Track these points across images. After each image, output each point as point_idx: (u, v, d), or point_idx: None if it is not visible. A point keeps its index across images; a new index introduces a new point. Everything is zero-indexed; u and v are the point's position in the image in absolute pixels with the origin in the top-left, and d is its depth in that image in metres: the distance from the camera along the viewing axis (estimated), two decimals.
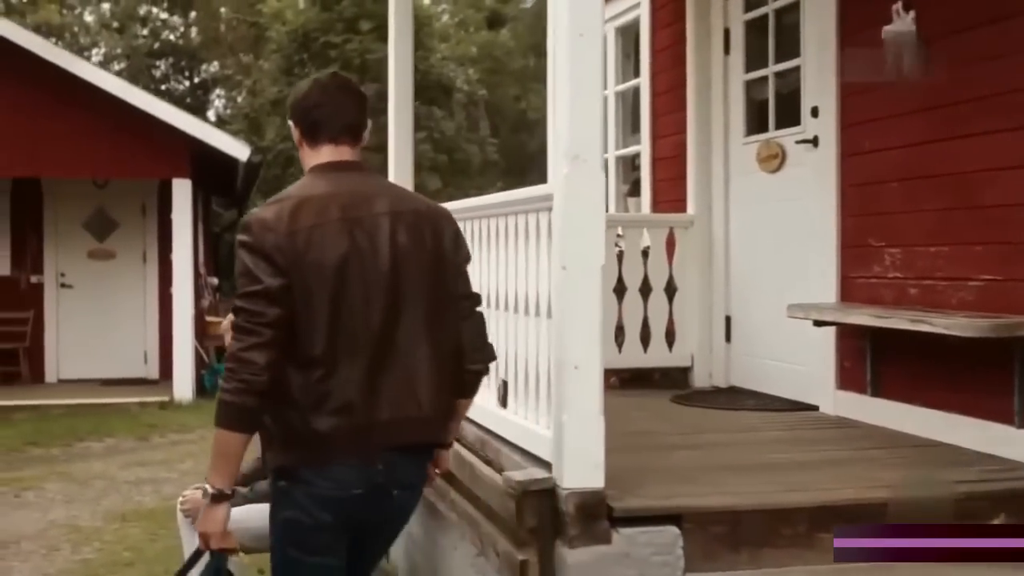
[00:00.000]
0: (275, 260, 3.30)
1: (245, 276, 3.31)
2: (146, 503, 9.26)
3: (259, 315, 3.27)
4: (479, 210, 5.12)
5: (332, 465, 3.36)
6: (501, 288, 4.86)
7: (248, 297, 3.29)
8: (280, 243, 3.31)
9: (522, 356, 4.56)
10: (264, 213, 3.39)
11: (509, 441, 4.63)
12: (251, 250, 3.32)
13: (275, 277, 3.29)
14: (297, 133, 3.59)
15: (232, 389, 3.26)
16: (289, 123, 3.63)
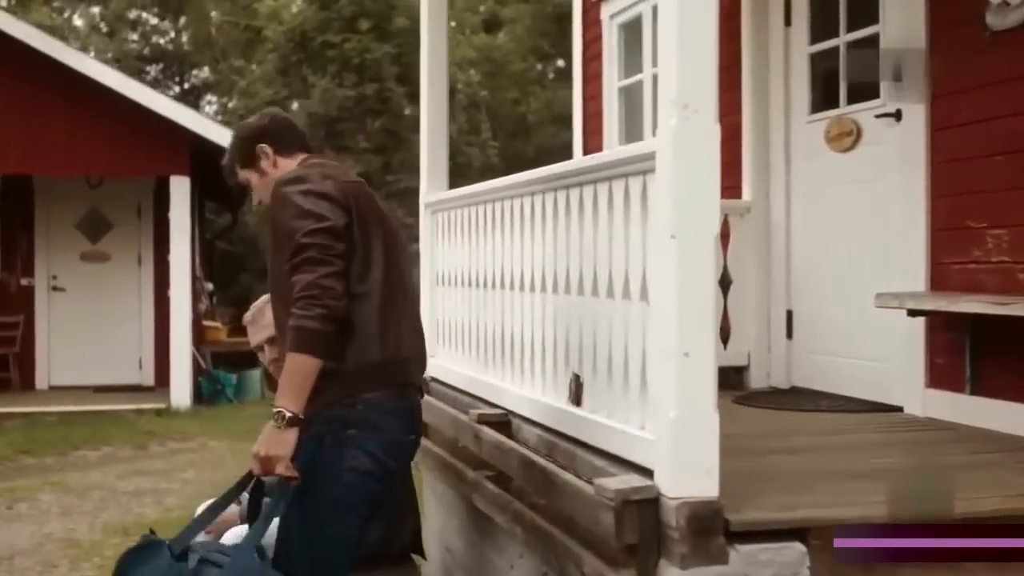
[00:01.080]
0: (339, 200, 3.64)
1: (307, 216, 3.55)
2: (148, 515, 8.67)
3: (328, 247, 3.52)
4: (542, 182, 4.51)
5: (399, 400, 3.76)
6: (572, 270, 4.26)
7: (315, 233, 3.53)
8: (340, 188, 3.70)
9: (602, 346, 3.96)
10: (310, 170, 3.77)
11: (586, 444, 4.03)
12: (310, 193, 3.61)
13: (339, 216, 3.61)
14: (269, 151, 4.02)
15: (316, 316, 3.44)
16: (260, 147, 4.02)
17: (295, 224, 3.55)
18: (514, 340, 4.94)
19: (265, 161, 4.04)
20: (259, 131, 4.07)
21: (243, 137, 4.11)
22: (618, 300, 3.82)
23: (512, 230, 4.95)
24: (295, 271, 3.51)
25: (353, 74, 23.69)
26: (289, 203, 3.60)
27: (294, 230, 3.54)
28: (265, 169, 4.04)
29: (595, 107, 9.35)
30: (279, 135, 4.07)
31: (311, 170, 3.77)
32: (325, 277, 3.47)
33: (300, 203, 3.58)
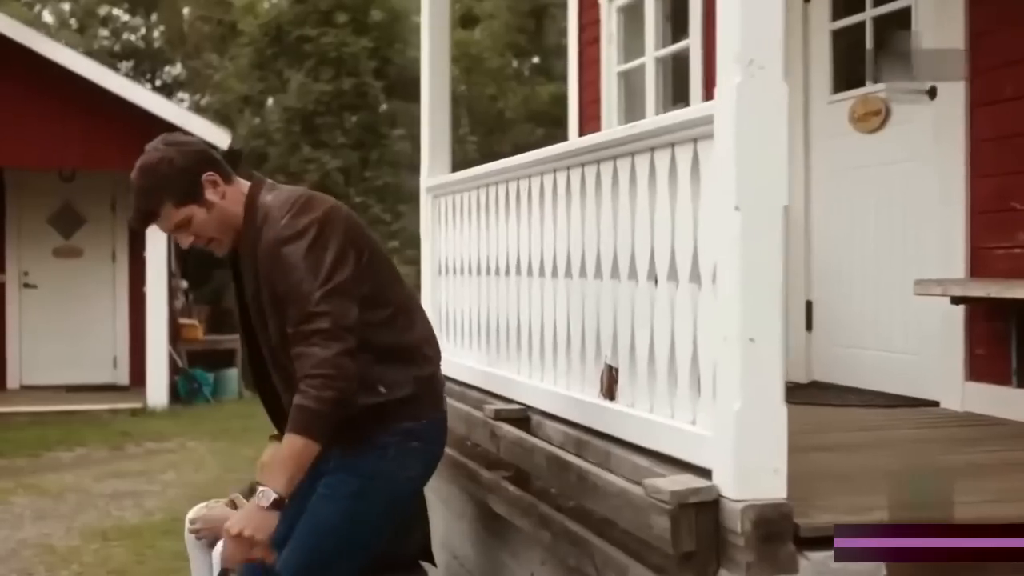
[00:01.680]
0: (341, 240, 3.44)
1: (316, 276, 3.35)
2: (128, 519, 8.27)
3: (343, 316, 3.33)
4: (568, 157, 4.16)
5: (440, 412, 3.78)
6: (604, 252, 3.91)
7: (329, 297, 3.33)
8: (335, 221, 3.48)
9: (642, 334, 3.61)
10: (301, 214, 3.46)
11: (623, 441, 3.68)
12: (315, 246, 3.38)
13: (349, 262, 3.43)
14: (218, 179, 3.57)
15: (328, 399, 3.28)
16: (206, 176, 3.55)
17: (304, 288, 3.34)
18: (532, 330, 4.59)
19: (213, 192, 3.56)
20: (200, 158, 3.58)
21: (180, 168, 3.53)
22: (662, 283, 3.47)
23: (531, 211, 4.59)
24: (304, 341, 3.32)
25: (330, 68, 23.25)
26: (294, 264, 3.37)
27: (304, 296, 3.34)
28: (213, 201, 3.56)
29: (592, 94, 9.02)
30: (217, 161, 3.64)
31: (300, 213, 3.44)
32: (340, 355, 3.30)
33: (307, 261, 3.36)
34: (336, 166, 23.01)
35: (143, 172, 3.56)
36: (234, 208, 3.59)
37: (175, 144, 3.61)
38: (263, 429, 13.47)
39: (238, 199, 3.60)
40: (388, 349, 3.56)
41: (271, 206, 3.52)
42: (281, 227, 3.43)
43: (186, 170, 3.54)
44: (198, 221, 3.58)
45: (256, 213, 3.54)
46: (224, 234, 3.63)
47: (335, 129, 23.45)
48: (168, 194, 3.53)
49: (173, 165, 3.54)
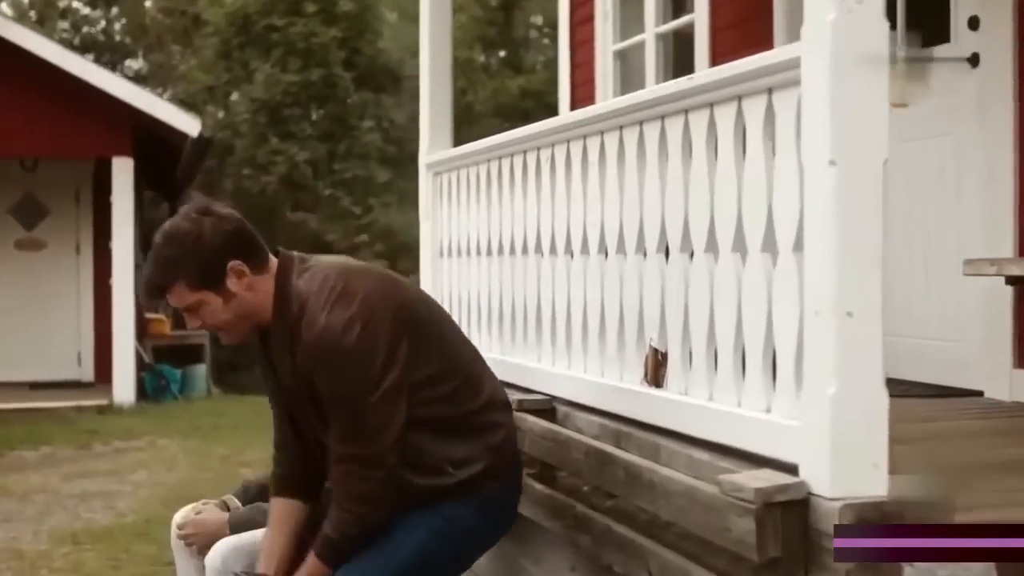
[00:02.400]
0: (390, 334, 3.17)
1: (364, 379, 3.14)
2: (99, 521, 7.79)
3: (388, 432, 3.15)
4: (602, 120, 3.76)
5: (517, 475, 3.52)
6: (648, 224, 3.52)
7: (377, 410, 3.15)
8: (382, 309, 3.21)
9: (699, 313, 3.22)
10: (340, 306, 3.18)
11: (674, 432, 3.29)
12: (361, 350, 3.13)
13: (397, 355, 3.18)
14: (245, 268, 3.24)
15: (354, 534, 3.22)
16: (231, 265, 3.22)
17: (349, 400, 3.14)
18: (556, 314, 4.19)
19: (236, 282, 3.24)
20: (231, 240, 3.23)
21: (207, 246, 3.19)
22: (725, 254, 3.08)
23: (555, 183, 4.19)
24: (344, 462, 3.19)
25: (298, 59, 22.82)
26: (337, 369, 3.13)
27: (348, 408, 3.15)
28: (234, 292, 3.25)
29: (585, 74, 8.64)
30: (251, 246, 3.28)
31: (339, 304, 3.15)
32: (377, 487, 3.17)
33: (351, 367, 3.11)
34: (304, 158, 22.56)
35: (166, 240, 3.23)
36: (259, 300, 3.27)
37: (210, 216, 3.24)
38: (234, 427, 13.00)
39: (265, 289, 3.27)
40: (455, 424, 3.31)
41: (306, 296, 3.19)
42: (321, 328, 3.12)
43: (213, 251, 3.20)
44: (210, 309, 3.28)
45: (289, 303, 3.22)
46: (239, 324, 3.36)
47: (303, 121, 23.03)
48: (185, 273, 3.21)
49: (200, 242, 3.20)
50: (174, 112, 13.62)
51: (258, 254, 3.27)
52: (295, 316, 3.19)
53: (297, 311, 3.18)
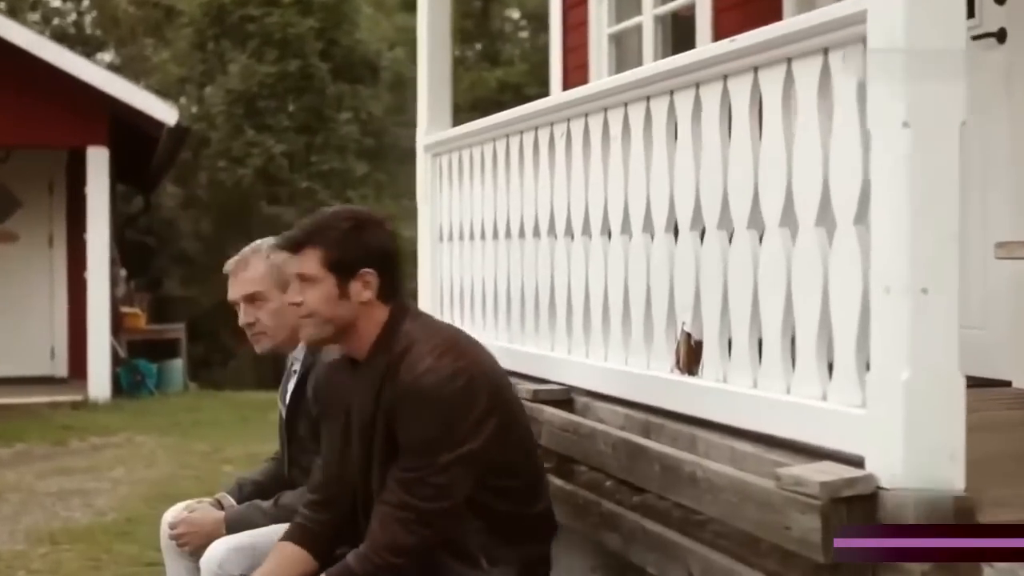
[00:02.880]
0: (491, 392, 3.05)
1: (442, 435, 2.96)
2: (77, 520, 7.52)
3: (448, 496, 2.98)
4: (629, 89, 3.51)
5: None
6: (681, 201, 3.29)
7: (449, 468, 2.96)
8: (481, 383, 3.06)
9: (740, 294, 2.98)
10: (447, 333, 3.23)
11: (713, 423, 3.06)
12: (471, 381, 3.01)
13: (483, 425, 3.00)
14: (375, 282, 3.12)
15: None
16: (365, 272, 3.11)
17: (427, 446, 2.96)
18: (573, 300, 3.95)
19: (359, 288, 3.13)
20: (381, 253, 3.15)
21: (364, 240, 3.14)
22: (772, 229, 2.85)
23: (570, 160, 3.95)
24: (396, 505, 2.99)
25: (274, 50, 22.46)
26: (426, 414, 2.96)
27: (423, 454, 2.96)
28: (350, 295, 3.13)
29: (578, 59, 8.39)
30: (393, 273, 3.17)
31: (447, 355, 3.02)
32: (418, 546, 2.99)
33: (440, 417, 2.95)
34: (281, 151, 22.23)
35: (344, 212, 3.24)
36: (359, 322, 3.14)
37: (384, 225, 3.22)
38: (213, 424, 12.69)
39: (373, 318, 3.13)
40: (504, 521, 3.12)
41: (415, 339, 3.07)
42: (424, 368, 2.98)
43: (364, 248, 3.13)
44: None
45: (393, 339, 3.09)
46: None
47: (279, 112, 22.68)
48: (331, 246, 3.11)
49: (363, 232, 3.14)
50: (151, 100, 13.31)
51: (392, 284, 3.16)
52: (396, 355, 3.05)
53: (399, 352, 3.05)
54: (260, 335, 3.80)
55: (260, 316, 3.77)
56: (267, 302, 3.75)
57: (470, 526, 3.06)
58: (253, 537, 3.71)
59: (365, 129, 23.55)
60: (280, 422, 4.10)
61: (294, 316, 3.55)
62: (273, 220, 22.28)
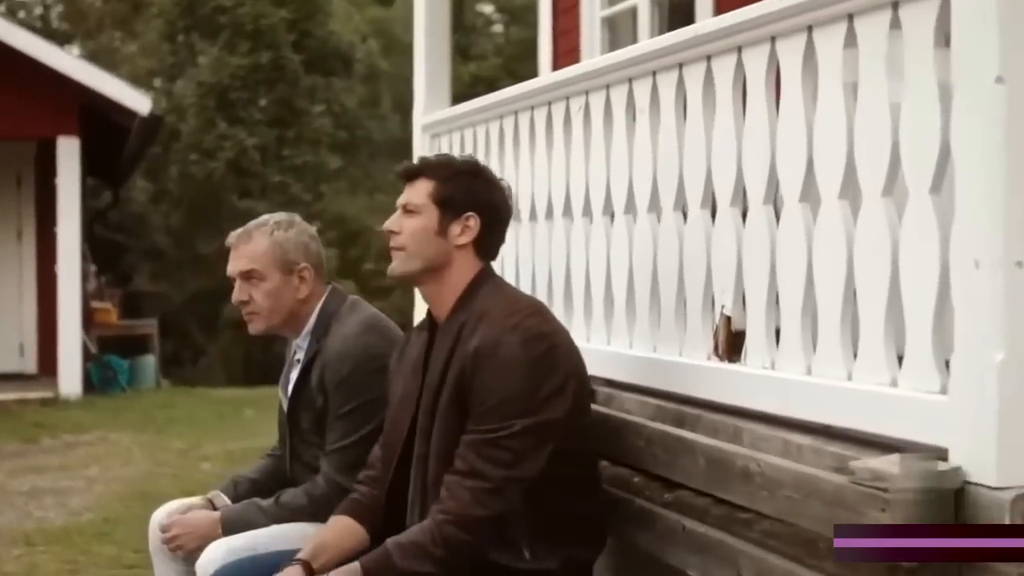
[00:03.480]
0: (576, 366, 2.93)
1: (539, 391, 2.78)
2: (52, 520, 7.23)
3: (524, 465, 2.77)
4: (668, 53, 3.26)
5: None
6: (720, 176, 3.05)
7: (527, 435, 2.76)
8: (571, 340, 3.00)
9: (791, 273, 2.75)
10: (530, 299, 3.14)
11: (757, 413, 2.82)
12: (556, 347, 2.85)
13: (570, 396, 2.84)
14: (477, 226, 3.01)
15: (440, 556, 2.77)
16: (469, 215, 3.00)
17: (506, 406, 2.75)
18: (592, 284, 3.71)
19: (456, 233, 3.01)
20: (491, 207, 3.04)
21: (480, 188, 3.04)
22: (830, 203, 2.61)
23: (589, 137, 3.71)
24: (467, 474, 2.77)
25: (246, 41, 22.17)
26: (507, 371, 2.76)
27: (502, 413, 2.75)
28: (446, 233, 3.01)
29: (569, 43, 8.17)
30: (497, 227, 3.09)
31: (532, 317, 2.89)
32: (487, 520, 2.76)
33: (522, 375, 2.76)
34: (253, 143, 21.91)
35: (475, 163, 3.18)
36: (447, 270, 3.01)
37: (504, 190, 3.10)
38: (189, 421, 12.39)
39: (460, 268, 3.01)
40: (554, 514, 2.89)
41: (498, 299, 2.95)
42: (509, 325, 2.83)
43: (477, 195, 3.02)
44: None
45: (475, 298, 2.96)
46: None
47: (251, 105, 22.38)
48: (448, 179, 3.02)
49: (480, 180, 3.06)
50: (124, 89, 13.00)
51: (491, 241, 3.06)
52: (475, 314, 2.90)
53: (479, 311, 2.90)
54: (253, 315, 3.59)
55: (255, 295, 3.55)
56: (264, 281, 3.54)
57: (520, 513, 2.83)
58: (253, 539, 3.46)
59: (338, 122, 23.26)
60: (280, 414, 3.85)
61: (290, 300, 3.54)
62: (245, 214, 21.91)
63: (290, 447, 3.72)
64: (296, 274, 3.55)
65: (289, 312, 3.58)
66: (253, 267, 3.53)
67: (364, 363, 3.50)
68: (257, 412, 12.48)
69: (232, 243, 3.63)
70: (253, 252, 3.56)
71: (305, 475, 3.62)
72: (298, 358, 3.71)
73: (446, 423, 2.88)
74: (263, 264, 3.53)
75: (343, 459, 3.48)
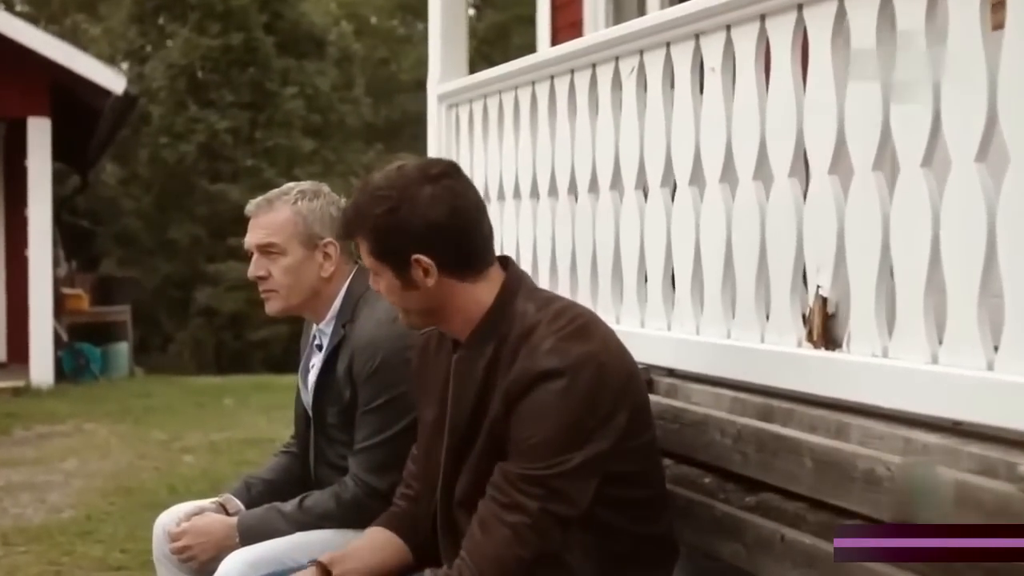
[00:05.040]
0: (626, 382, 2.51)
1: (582, 427, 2.42)
2: (30, 517, 6.85)
3: (567, 504, 2.42)
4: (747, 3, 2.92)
5: None
6: (817, 138, 2.71)
7: (570, 476, 2.41)
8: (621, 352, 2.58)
9: (914, 244, 2.41)
10: (573, 312, 2.57)
11: (868, 408, 2.48)
12: (600, 370, 2.44)
13: (622, 420, 2.47)
14: (432, 267, 2.53)
15: None
16: (416, 258, 2.52)
17: (543, 448, 2.40)
18: (648, 264, 3.36)
19: (420, 276, 2.55)
20: (425, 224, 2.52)
21: (392, 214, 2.52)
22: (967, 164, 2.27)
23: (643, 99, 3.36)
24: (502, 507, 2.42)
25: (217, 22, 21.73)
26: (544, 411, 2.41)
27: (539, 455, 2.40)
28: (414, 283, 2.56)
29: (570, 16, 7.84)
30: (453, 241, 2.56)
31: (573, 338, 2.45)
32: (523, 565, 2.41)
33: (561, 412, 2.40)
34: (224, 127, 21.48)
35: (380, 187, 2.59)
36: (447, 307, 2.59)
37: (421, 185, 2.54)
38: (168, 410, 11.93)
39: (462, 298, 2.56)
40: (618, 540, 2.56)
41: (533, 320, 2.51)
42: (545, 351, 2.44)
43: (392, 229, 2.53)
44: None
45: (502, 322, 2.54)
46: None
47: (223, 87, 21.93)
48: (366, 234, 2.59)
49: (400, 209, 2.52)
50: (97, 67, 12.59)
51: (460, 258, 2.57)
52: (512, 341, 2.51)
53: (516, 336, 2.51)
54: (270, 293, 3.23)
55: (273, 271, 3.19)
56: (284, 256, 3.19)
57: (576, 541, 2.48)
58: (275, 550, 3.10)
59: (311, 105, 22.84)
60: (299, 407, 3.48)
61: (313, 278, 3.22)
62: (218, 198, 21.54)
63: (314, 446, 3.36)
64: (320, 249, 3.21)
65: (311, 291, 3.23)
66: (272, 240, 3.19)
67: (397, 352, 3.13)
68: (237, 401, 12.11)
69: (251, 212, 3.27)
70: (273, 223, 3.21)
71: (332, 477, 3.25)
72: (318, 344, 3.35)
73: (478, 465, 2.55)
74: (283, 237, 3.19)
75: (374, 458, 3.12)
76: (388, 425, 3.13)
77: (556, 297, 2.70)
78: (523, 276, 2.66)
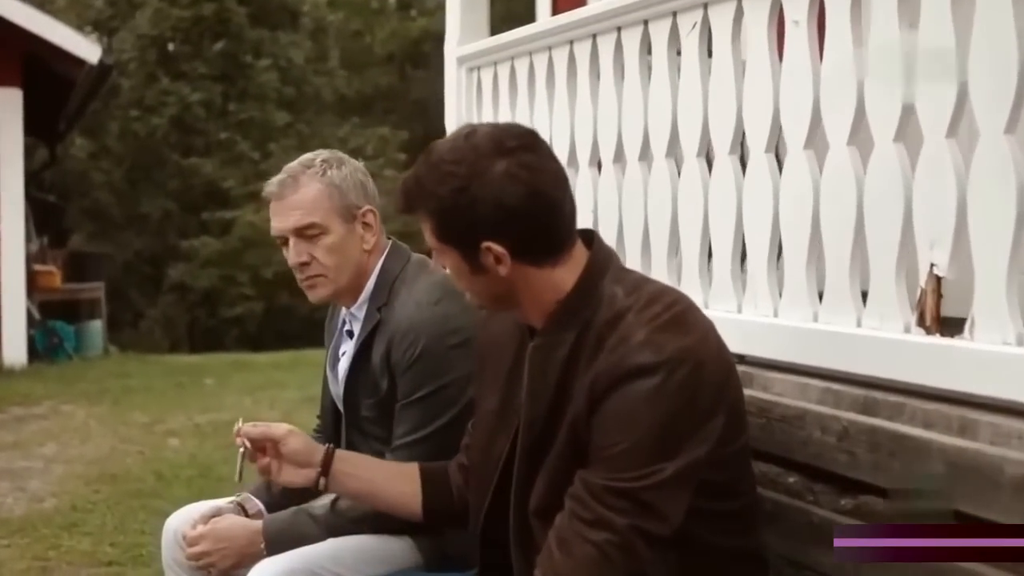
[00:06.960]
0: (724, 379, 2.22)
1: (675, 431, 2.11)
2: (11, 507, 6.53)
3: (659, 520, 2.12)
4: None
5: None
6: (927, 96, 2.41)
7: (662, 488, 2.11)
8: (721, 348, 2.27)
9: None
10: (670, 298, 2.24)
11: (999, 404, 2.19)
12: (697, 368, 2.13)
13: (719, 423, 2.17)
14: (504, 252, 2.22)
15: None
16: (487, 244, 2.21)
17: (632, 456, 2.11)
18: (715, 237, 3.06)
19: (492, 263, 2.25)
20: (496, 207, 2.20)
21: (460, 193, 2.21)
22: None
23: (702, 60, 3.05)
24: (586, 523, 2.12)
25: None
26: (632, 412, 2.12)
27: (626, 464, 2.11)
28: (483, 267, 2.26)
29: None
30: (529, 223, 2.23)
31: (668, 329, 2.16)
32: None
33: (653, 414, 2.11)
34: (197, 99, 21.06)
35: (446, 157, 2.26)
36: (523, 293, 2.28)
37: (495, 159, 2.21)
38: (147, 391, 11.53)
39: (539, 284, 2.26)
40: (705, 555, 2.28)
41: (624, 305, 2.21)
42: (636, 344, 2.14)
43: (472, 211, 2.22)
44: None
45: (586, 307, 2.24)
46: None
47: (195, 59, 21.48)
48: (430, 213, 2.28)
49: (469, 189, 2.21)
50: (72, 36, 12.21)
51: (537, 243, 2.26)
52: (596, 329, 2.22)
53: (601, 324, 2.21)
54: (317, 278, 2.91)
55: (317, 254, 2.88)
56: (326, 234, 2.88)
57: (657, 558, 2.18)
58: (307, 559, 2.79)
59: (285, 77, 22.44)
60: (326, 398, 3.16)
61: (357, 252, 2.92)
62: (191, 172, 21.14)
63: (346, 442, 3.05)
64: (359, 220, 2.92)
65: (356, 268, 2.93)
66: (311, 220, 2.87)
67: (442, 338, 2.82)
68: (218, 382, 11.80)
69: (274, 193, 2.92)
70: (305, 201, 2.88)
71: None
72: (349, 330, 3.04)
73: (555, 473, 2.25)
74: (322, 214, 2.87)
75: (416, 455, 2.80)
76: (431, 419, 2.83)
77: (648, 279, 2.38)
78: (611, 255, 2.36)
